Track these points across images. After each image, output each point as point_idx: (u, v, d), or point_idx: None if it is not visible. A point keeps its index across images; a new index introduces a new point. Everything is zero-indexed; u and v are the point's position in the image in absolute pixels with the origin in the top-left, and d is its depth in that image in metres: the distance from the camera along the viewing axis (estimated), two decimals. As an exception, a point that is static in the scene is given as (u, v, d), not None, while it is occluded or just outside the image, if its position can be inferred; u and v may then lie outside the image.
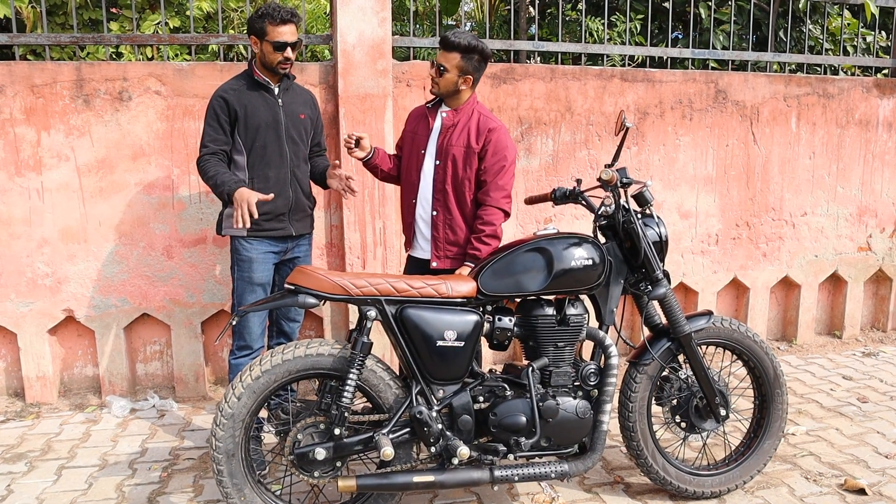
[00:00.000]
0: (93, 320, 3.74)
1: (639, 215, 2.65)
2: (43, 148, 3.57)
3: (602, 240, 2.73)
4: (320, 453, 2.33)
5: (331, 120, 3.81)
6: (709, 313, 2.79)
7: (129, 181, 3.67)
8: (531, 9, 6.17)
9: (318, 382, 2.53)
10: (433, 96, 3.03)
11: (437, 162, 2.95)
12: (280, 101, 3.06)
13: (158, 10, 3.83)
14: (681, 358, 2.77)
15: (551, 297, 2.61)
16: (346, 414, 2.37)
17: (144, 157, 3.67)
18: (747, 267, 4.57)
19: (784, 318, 4.86)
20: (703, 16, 4.93)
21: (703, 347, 2.80)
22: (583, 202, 2.80)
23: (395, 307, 2.43)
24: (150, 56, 4.67)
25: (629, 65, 4.67)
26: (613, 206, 2.65)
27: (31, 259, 3.64)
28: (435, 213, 2.97)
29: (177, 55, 4.63)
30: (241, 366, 3.06)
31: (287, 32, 2.92)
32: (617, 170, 2.60)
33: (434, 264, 2.98)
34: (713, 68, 4.82)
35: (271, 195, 2.86)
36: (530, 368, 2.51)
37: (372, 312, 2.40)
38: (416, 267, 3.13)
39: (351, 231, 3.88)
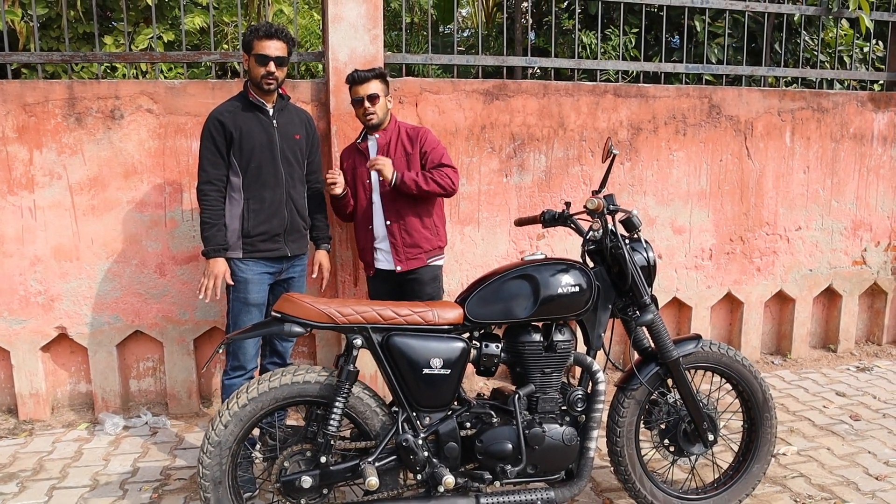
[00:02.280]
0: (85, 338, 3.75)
1: (626, 240, 2.65)
2: (35, 166, 3.58)
3: (591, 264, 2.73)
4: (306, 481, 2.34)
5: (323, 137, 3.81)
6: (697, 337, 2.79)
7: (121, 199, 3.68)
8: (526, 18, 6.17)
9: (305, 409, 2.54)
10: (367, 130, 3.27)
11: (381, 178, 3.18)
12: (275, 121, 3.07)
13: (151, 24, 3.83)
14: (669, 381, 2.77)
15: (538, 323, 2.61)
16: (332, 442, 2.37)
17: (137, 175, 3.68)
18: (741, 282, 4.57)
19: (778, 332, 4.86)
20: (698, 28, 4.93)
21: (692, 371, 2.80)
22: (572, 225, 2.80)
23: (382, 335, 2.44)
24: (144, 70, 4.68)
25: (624, 79, 4.66)
26: (601, 232, 2.65)
27: (23, 277, 3.64)
28: (388, 223, 3.25)
29: (171, 69, 4.64)
30: (234, 386, 3.07)
31: (270, 46, 2.94)
32: (604, 196, 2.60)
33: (398, 268, 3.26)
34: (708, 82, 4.81)
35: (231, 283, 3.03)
36: (517, 395, 2.51)
37: (358, 341, 2.41)
38: (382, 280, 3.36)
39: (342, 249, 3.88)
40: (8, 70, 3.71)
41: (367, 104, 3.16)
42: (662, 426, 2.81)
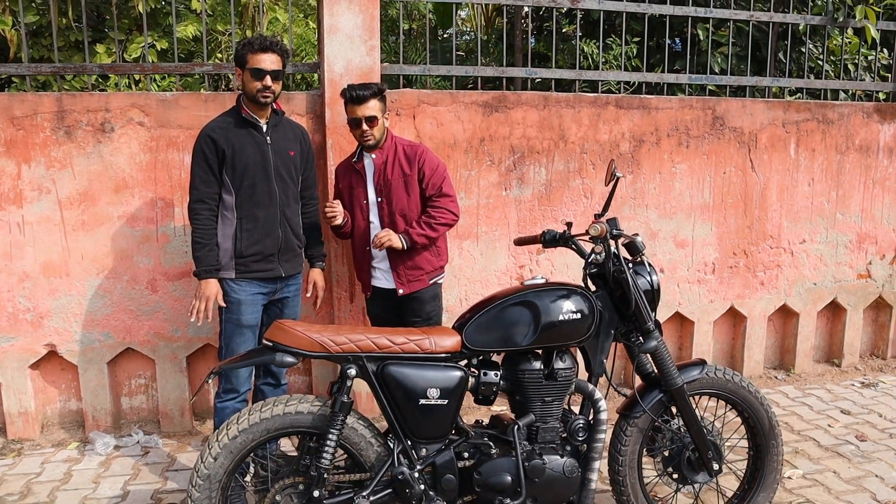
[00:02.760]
0: (76, 355, 3.67)
1: (630, 264, 2.57)
2: (24, 181, 3.50)
3: (592, 288, 2.65)
4: (298, 517, 2.26)
5: (318, 150, 3.72)
6: (702, 363, 2.71)
7: (111, 214, 3.60)
8: (526, 24, 6.08)
9: (298, 439, 2.46)
10: (363, 148, 3.16)
11: (380, 199, 3.14)
12: (268, 138, 2.99)
13: (144, 33, 3.75)
14: (674, 408, 2.70)
15: (539, 350, 2.53)
16: (325, 475, 2.29)
17: (128, 189, 3.59)
18: (744, 296, 4.49)
19: (782, 346, 4.78)
20: (701, 37, 4.85)
21: (696, 397, 2.72)
22: (573, 247, 2.72)
23: (377, 364, 2.36)
24: (137, 80, 4.59)
25: (626, 90, 4.58)
26: (604, 255, 2.57)
27: (11, 294, 3.56)
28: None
29: (164, 78, 4.55)
30: (226, 409, 2.99)
31: (266, 60, 2.86)
32: (607, 220, 2.52)
33: (401, 291, 3.17)
34: (712, 93, 4.73)
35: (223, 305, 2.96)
36: (516, 426, 2.43)
37: (352, 370, 2.33)
38: (381, 299, 3.28)
39: (338, 263, 3.80)
40: None
41: (364, 126, 3.04)
42: (666, 454, 2.74)
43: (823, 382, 4.57)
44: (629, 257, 2.60)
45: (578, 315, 2.45)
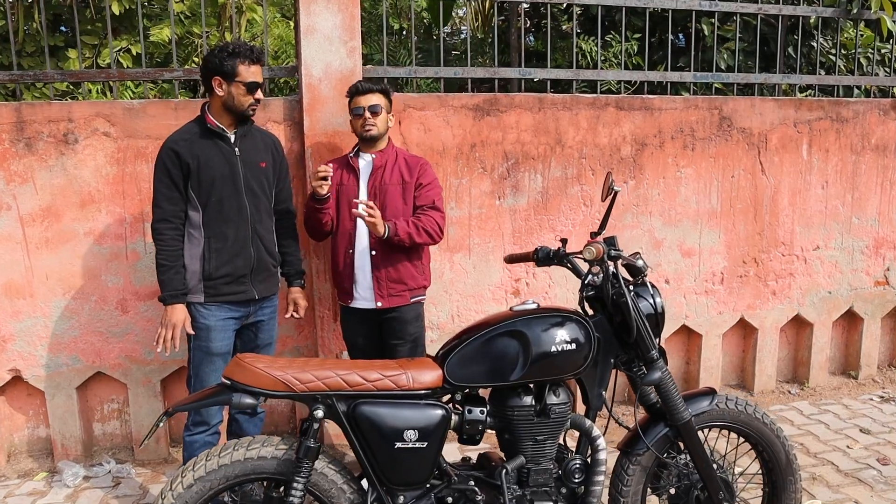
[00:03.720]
0: (42, 380, 3.45)
1: (631, 287, 2.32)
2: (-19, 196, 3.28)
3: (590, 312, 2.41)
4: (261, 575, 2.03)
5: (297, 160, 3.49)
6: (711, 392, 2.46)
7: (77, 231, 3.37)
8: (521, 20, 5.83)
9: (264, 485, 2.22)
10: (362, 144, 3.04)
11: (372, 202, 2.91)
12: (237, 149, 2.76)
13: (120, 36, 3.52)
14: (681, 442, 2.45)
15: (531, 384, 2.29)
16: (291, 529, 2.06)
17: (94, 204, 3.36)
18: (755, 306, 4.23)
19: (795, 358, 4.52)
20: (706, 32, 4.58)
21: (706, 430, 2.47)
22: (568, 265, 2.48)
23: (348, 403, 2.12)
24: (111, 87, 4.36)
25: (627, 90, 4.34)
26: (602, 276, 2.32)
27: (-28, 316, 3.34)
28: (374, 252, 2.96)
29: (138, 85, 4.32)
30: (195, 443, 2.77)
31: (258, 73, 2.70)
32: (605, 240, 2.28)
33: (379, 304, 2.98)
34: (718, 91, 4.48)
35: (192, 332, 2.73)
36: (504, 470, 2.19)
37: (319, 412, 2.09)
38: (359, 321, 3.08)
39: (320, 281, 3.56)
40: None
41: (367, 114, 2.93)
42: (672, 491, 2.49)
43: (840, 397, 4.31)
44: (630, 278, 2.35)
45: (573, 345, 2.21)
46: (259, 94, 2.71)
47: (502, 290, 3.87)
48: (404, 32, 5.85)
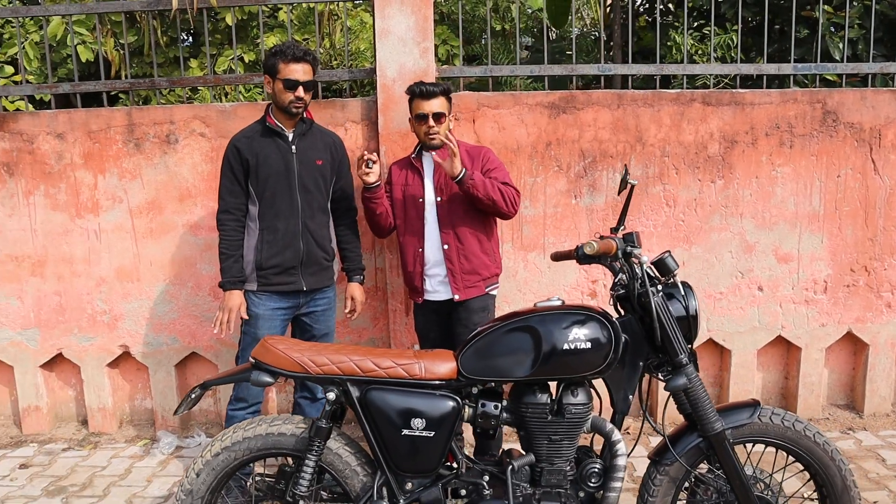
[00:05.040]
0: (146, 357, 3.85)
1: (659, 287, 2.21)
2: (99, 191, 3.72)
3: (622, 313, 2.32)
4: (273, 544, 2.16)
5: (373, 157, 3.64)
6: (755, 404, 2.29)
7: (176, 222, 3.73)
8: (623, 18, 5.64)
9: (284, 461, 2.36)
10: (423, 146, 3.03)
11: (439, 199, 2.99)
12: (294, 147, 2.92)
13: (235, 46, 3.86)
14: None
15: (550, 382, 2.25)
16: (300, 502, 2.17)
17: (191, 198, 3.70)
18: (866, 319, 3.82)
19: (919, 380, 4.03)
20: (822, 20, 4.19)
21: (750, 446, 2.30)
22: (606, 264, 2.40)
23: (361, 388, 2.20)
24: (226, 91, 4.77)
25: (729, 85, 4.07)
26: (630, 276, 2.23)
27: (90, 296, 3.80)
28: (446, 246, 2.98)
29: (249, 90, 4.69)
30: (236, 418, 2.96)
31: (299, 70, 2.81)
32: (624, 236, 2.19)
33: (456, 297, 2.98)
34: (830, 84, 4.09)
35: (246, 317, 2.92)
36: (511, 466, 2.17)
37: (331, 394, 2.19)
38: (433, 312, 3.09)
39: (393, 276, 3.68)
40: (104, 98, 3.85)
41: (431, 122, 2.92)
42: (711, 508, 2.33)
43: (972, 428, 3.78)
44: (660, 278, 2.24)
45: (589, 344, 2.14)
46: (300, 93, 2.81)
47: (578, 291, 3.79)
48: (505, 34, 5.86)
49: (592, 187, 3.71)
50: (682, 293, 2.23)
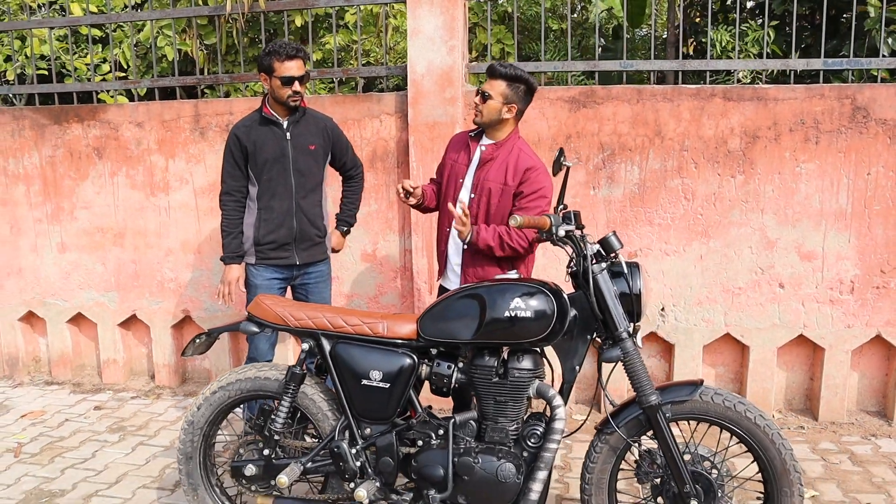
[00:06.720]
0: (204, 322, 4.35)
1: (603, 264, 2.36)
2: (170, 173, 4.25)
3: (574, 289, 2.49)
4: (250, 469, 2.51)
5: (405, 148, 3.94)
6: (698, 383, 2.38)
7: (231, 202, 4.19)
8: (678, 17, 5.61)
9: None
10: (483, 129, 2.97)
11: (472, 195, 2.94)
12: (288, 134, 3.20)
13: (306, 44, 4.31)
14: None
15: (503, 347, 2.45)
16: (276, 437, 2.51)
17: (244, 181, 4.16)
18: (897, 323, 3.70)
19: (961, 391, 3.82)
20: (872, 14, 4.06)
21: (694, 424, 2.40)
22: (559, 244, 2.54)
23: (332, 341, 2.50)
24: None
25: (760, 81, 4.02)
26: (577, 253, 2.40)
27: (160, 265, 4.34)
28: (465, 246, 2.96)
29: (313, 85, 5.13)
30: None
31: (294, 67, 3.07)
32: (563, 215, 2.36)
33: None
34: (870, 78, 3.96)
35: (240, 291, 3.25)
36: (452, 420, 2.39)
37: (306, 345, 2.51)
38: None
39: (419, 256, 3.97)
40: (198, 91, 4.40)
41: (476, 98, 2.87)
42: (657, 481, 2.45)
43: None
44: (606, 255, 2.40)
45: (530, 313, 2.32)
46: (296, 87, 3.08)
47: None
48: (553, 32, 5.98)
49: (611, 179, 3.83)
50: (628, 272, 2.37)
